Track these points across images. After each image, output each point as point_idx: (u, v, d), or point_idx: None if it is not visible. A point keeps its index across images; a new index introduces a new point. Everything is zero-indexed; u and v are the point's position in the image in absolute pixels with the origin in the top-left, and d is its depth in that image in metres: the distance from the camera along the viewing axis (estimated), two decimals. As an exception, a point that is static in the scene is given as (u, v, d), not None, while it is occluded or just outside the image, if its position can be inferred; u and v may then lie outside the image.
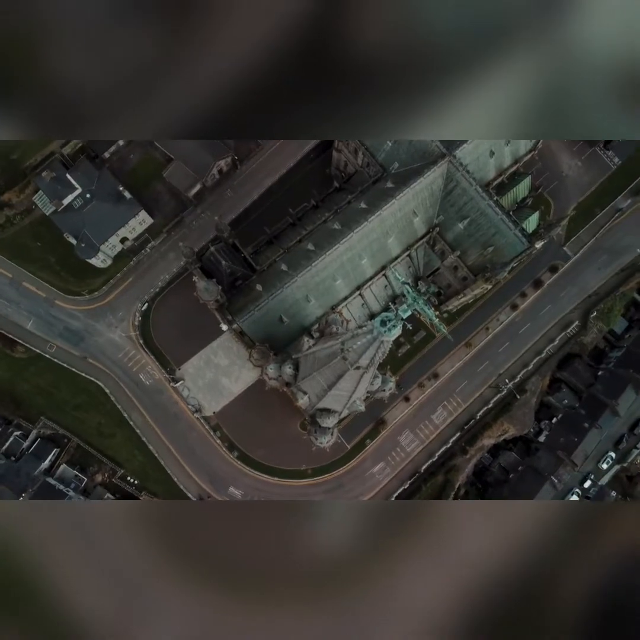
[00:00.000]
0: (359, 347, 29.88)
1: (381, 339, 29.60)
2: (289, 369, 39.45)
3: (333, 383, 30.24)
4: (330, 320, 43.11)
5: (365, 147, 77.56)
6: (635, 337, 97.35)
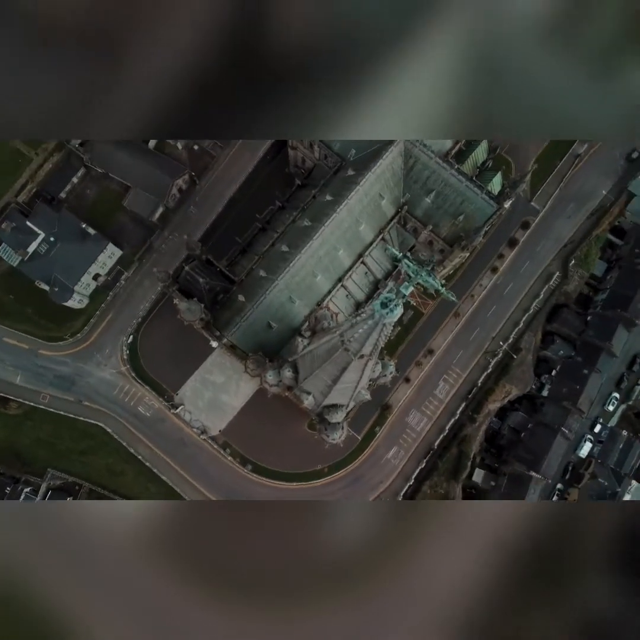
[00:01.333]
0: (361, 335, 29.48)
1: (383, 322, 29.11)
2: (288, 373, 39.06)
3: (337, 377, 29.73)
4: (320, 317, 42.85)
5: (320, 140, 77.23)
6: (617, 276, 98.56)
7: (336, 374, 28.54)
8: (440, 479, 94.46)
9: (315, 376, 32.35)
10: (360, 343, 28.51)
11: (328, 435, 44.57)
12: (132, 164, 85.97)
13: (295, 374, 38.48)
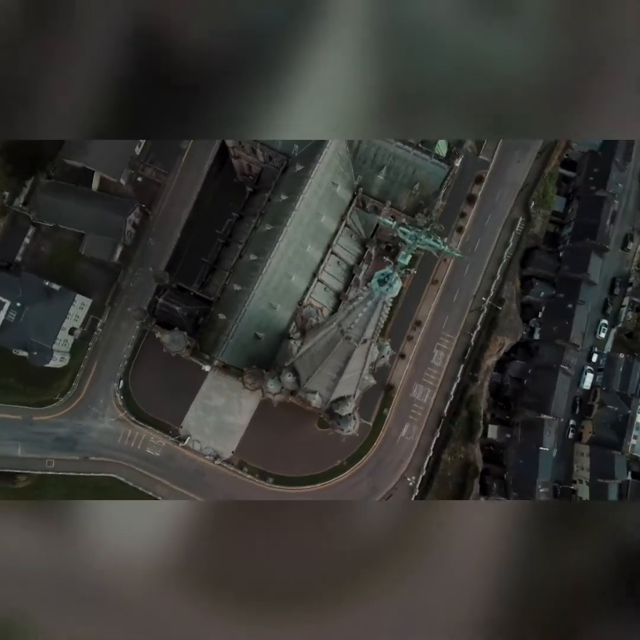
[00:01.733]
0: (361, 319, 28.81)
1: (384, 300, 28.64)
2: (289, 377, 38.56)
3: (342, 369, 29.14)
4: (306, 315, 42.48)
5: (260, 142, 76.71)
6: (578, 208, 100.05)
7: (340, 365, 27.93)
8: (457, 443, 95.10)
9: (319, 373, 31.80)
10: (362, 328, 27.96)
11: (342, 429, 44.29)
12: (80, 210, 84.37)
13: (296, 377, 38.04)
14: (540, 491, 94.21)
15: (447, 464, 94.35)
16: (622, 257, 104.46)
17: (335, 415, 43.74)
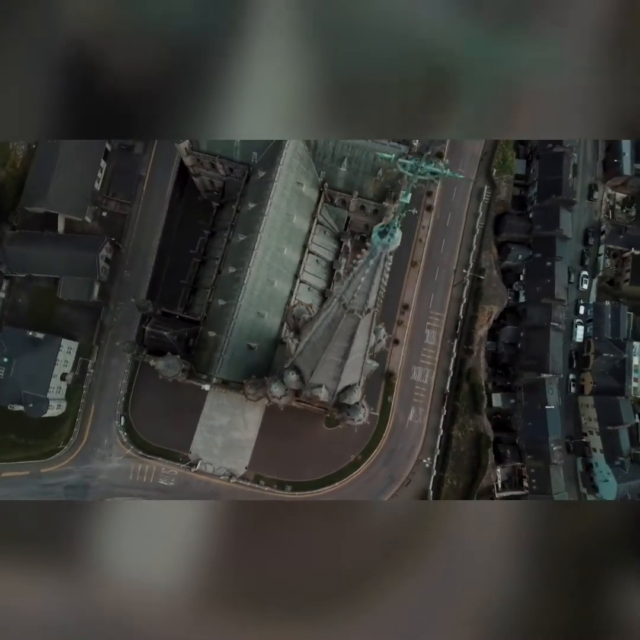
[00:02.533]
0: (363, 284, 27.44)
1: (385, 256, 28.00)
2: (292, 376, 38.37)
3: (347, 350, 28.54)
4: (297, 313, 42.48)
5: (218, 156, 76.67)
6: (539, 167, 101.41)
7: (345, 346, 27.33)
8: (465, 418, 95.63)
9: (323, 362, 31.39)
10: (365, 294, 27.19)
11: (353, 419, 44.33)
12: (51, 255, 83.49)
13: (299, 374, 37.93)
14: (553, 450, 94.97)
15: (459, 439, 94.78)
16: (590, 207, 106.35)
17: (344, 406, 43.71)
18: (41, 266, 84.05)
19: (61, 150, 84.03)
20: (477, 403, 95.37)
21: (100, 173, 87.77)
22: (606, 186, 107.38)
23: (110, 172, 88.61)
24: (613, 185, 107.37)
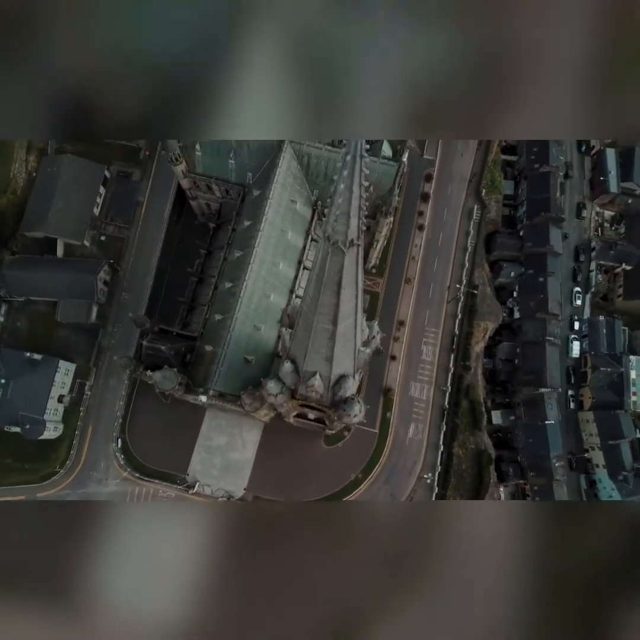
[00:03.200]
0: (342, 207, 26.24)
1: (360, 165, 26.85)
2: (287, 364, 38.41)
3: (336, 306, 27.52)
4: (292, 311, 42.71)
5: (214, 178, 78.93)
6: (527, 187, 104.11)
7: (334, 302, 26.84)
8: (465, 435, 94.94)
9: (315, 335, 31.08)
10: (345, 221, 26.64)
11: (349, 414, 44.31)
12: (49, 279, 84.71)
13: (294, 364, 38.24)
14: (556, 466, 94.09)
15: (460, 457, 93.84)
16: (579, 225, 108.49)
17: (339, 404, 43.98)
18: (40, 290, 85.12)
19: (61, 177, 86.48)
20: (477, 420, 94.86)
21: (99, 199, 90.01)
22: (594, 204, 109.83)
23: (109, 198, 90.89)
24: (601, 203, 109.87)
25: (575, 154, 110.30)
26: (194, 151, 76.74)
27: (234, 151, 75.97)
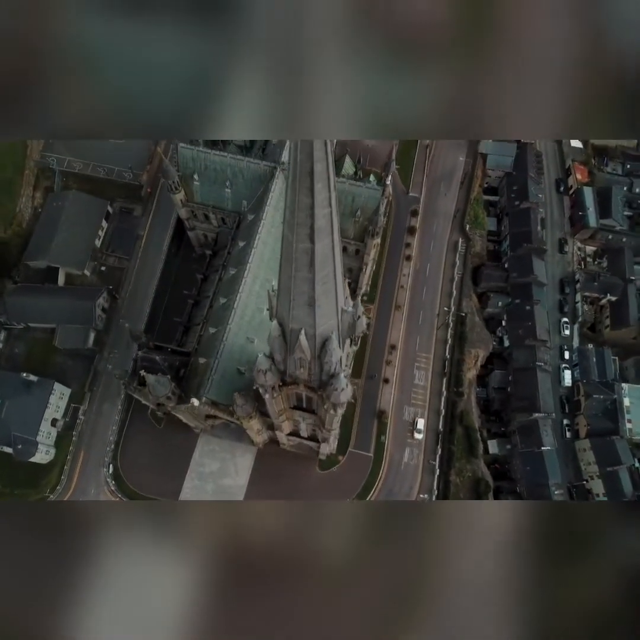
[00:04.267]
0: None
1: None
2: (275, 324, 39.57)
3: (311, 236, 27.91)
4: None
5: (211, 206, 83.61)
6: (509, 222, 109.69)
7: (308, 232, 26.94)
8: (462, 463, 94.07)
9: (294, 285, 31.64)
10: None
11: (336, 388, 45.01)
12: (49, 305, 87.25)
13: (281, 326, 39.70)
14: (555, 493, 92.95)
15: (458, 485, 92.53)
16: (562, 259, 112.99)
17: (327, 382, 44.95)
18: (39, 316, 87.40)
19: (65, 211, 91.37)
20: (473, 447, 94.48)
21: (101, 232, 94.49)
22: (575, 240, 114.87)
23: (111, 231, 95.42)
24: (582, 239, 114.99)
25: (554, 194, 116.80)
26: (192, 181, 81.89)
27: (229, 180, 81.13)
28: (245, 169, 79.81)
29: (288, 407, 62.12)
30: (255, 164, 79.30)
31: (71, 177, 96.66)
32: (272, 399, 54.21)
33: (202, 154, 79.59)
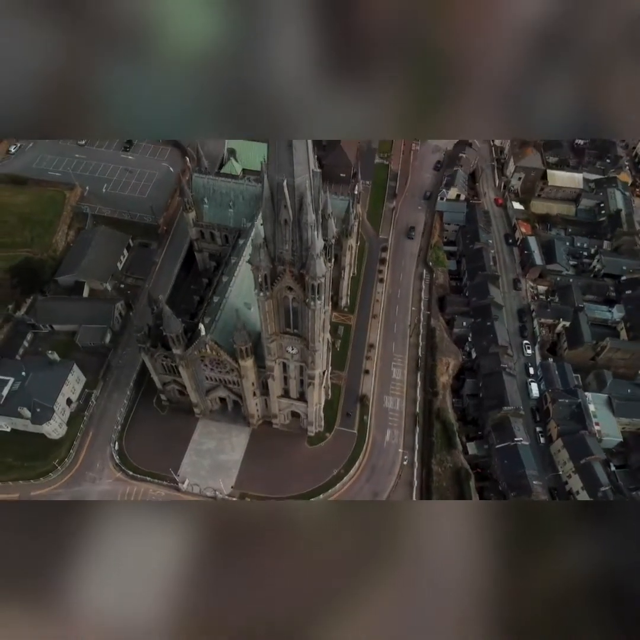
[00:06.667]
0: None
1: None
2: (266, 187, 54.68)
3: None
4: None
5: (217, 225, 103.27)
6: (466, 262, 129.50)
7: None
8: (442, 454, 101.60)
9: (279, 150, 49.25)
10: None
11: (314, 255, 58.57)
12: (74, 311, 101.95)
13: (270, 189, 55.42)
14: (534, 484, 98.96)
15: (440, 475, 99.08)
16: (518, 295, 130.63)
17: (306, 261, 59.17)
18: (64, 319, 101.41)
19: (94, 240, 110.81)
20: (451, 439, 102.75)
21: (123, 258, 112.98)
22: (527, 280, 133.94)
23: (131, 259, 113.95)
24: (532, 278, 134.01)
25: (505, 246, 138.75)
26: (202, 204, 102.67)
27: (232, 201, 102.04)
28: (245, 191, 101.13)
29: (279, 331, 74.89)
30: (252, 186, 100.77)
31: (100, 219, 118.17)
32: (264, 300, 67.91)
33: (211, 180, 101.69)
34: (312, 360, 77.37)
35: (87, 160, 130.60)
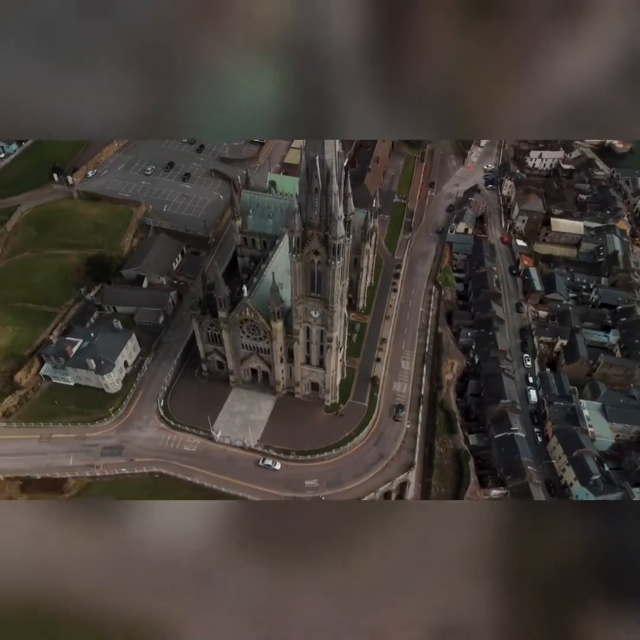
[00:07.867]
0: None
1: None
2: (304, 161, 74.86)
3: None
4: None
5: (258, 232, 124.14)
6: (472, 284, 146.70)
7: None
8: (444, 436, 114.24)
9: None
10: None
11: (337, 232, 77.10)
12: (133, 294, 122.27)
13: (306, 164, 75.24)
14: (528, 469, 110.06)
15: (441, 453, 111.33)
16: (520, 317, 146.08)
17: (329, 223, 77.70)
18: (126, 302, 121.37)
19: (155, 244, 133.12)
20: (452, 424, 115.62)
21: (177, 260, 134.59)
22: (529, 304, 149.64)
23: (184, 262, 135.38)
24: (533, 303, 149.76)
25: (509, 276, 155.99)
26: (247, 215, 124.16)
27: (272, 213, 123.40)
28: (283, 205, 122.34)
29: (305, 294, 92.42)
30: (288, 201, 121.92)
31: (160, 230, 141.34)
32: (296, 261, 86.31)
33: (256, 196, 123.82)
34: (331, 323, 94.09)
35: (151, 186, 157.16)
